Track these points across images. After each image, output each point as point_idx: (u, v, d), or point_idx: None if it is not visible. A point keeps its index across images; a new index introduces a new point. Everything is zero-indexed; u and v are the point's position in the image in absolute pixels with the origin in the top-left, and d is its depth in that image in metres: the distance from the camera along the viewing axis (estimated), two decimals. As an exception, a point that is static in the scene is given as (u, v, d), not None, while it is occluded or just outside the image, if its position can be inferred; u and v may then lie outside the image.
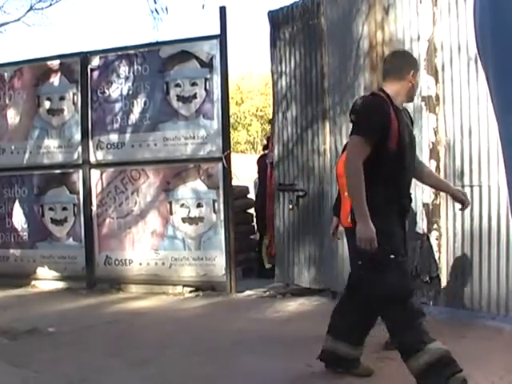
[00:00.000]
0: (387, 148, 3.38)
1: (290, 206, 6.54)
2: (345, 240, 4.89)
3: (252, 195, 8.58)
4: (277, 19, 6.78)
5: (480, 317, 4.87)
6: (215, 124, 6.58)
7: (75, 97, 7.17)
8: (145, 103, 6.89)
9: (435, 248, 5.22)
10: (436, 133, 5.17)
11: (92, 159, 7.09)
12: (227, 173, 6.51)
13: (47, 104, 7.32)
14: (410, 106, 5.32)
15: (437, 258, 5.21)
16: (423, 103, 5.24)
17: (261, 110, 28.40)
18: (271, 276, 6.85)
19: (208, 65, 6.62)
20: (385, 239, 3.30)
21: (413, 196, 5.21)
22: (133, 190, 6.93)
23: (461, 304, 5.05)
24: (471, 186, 4.91)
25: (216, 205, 6.57)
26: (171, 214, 6.77)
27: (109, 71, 7.06)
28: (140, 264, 6.86)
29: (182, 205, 6.73)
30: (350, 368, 3.73)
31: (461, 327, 4.72)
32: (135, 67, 6.93)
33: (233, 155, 6.79)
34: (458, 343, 4.31)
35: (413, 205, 5.24)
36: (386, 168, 3.42)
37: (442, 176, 5.14)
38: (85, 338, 4.82)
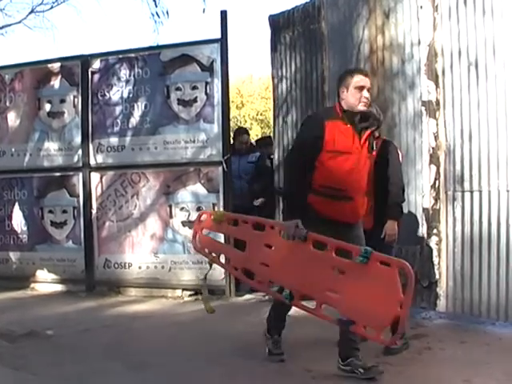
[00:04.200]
0: None
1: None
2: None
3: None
4: (277, 23, 6.80)
5: (480, 322, 4.86)
6: (215, 128, 6.57)
7: (76, 100, 7.16)
8: (145, 106, 6.88)
9: (435, 253, 5.21)
10: (436, 138, 5.17)
11: (92, 162, 7.08)
12: (227, 176, 6.50)
13: (48, 107, 7.31)
14: (410, 111, 5.36)
15: (436, 263, 5.20)
16: (423, 108, 5.24)
17: (261, 114, 28.30)
18: None
19: (209, 68, 6.61)
20: None
21: (412, 201, 5.26)
22: (133, 193, 6.92)
23: (460, 309, 5.05)
24: (471, 192, 4.91)
25: (216, 208, 6.55)
26: (171, 217, 6.76)
27: (109, 74, 7.05)
28: (139, 267, 6.85)
29: (182, 208, 6.72)
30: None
31: (460, 332, 4.71)
32: (136, 70, 6.93)
33: (233, 159, 6.79)
34: (458, 348, 4.31)
35: (412, 210, 5.27)
36: None
37: (442, 181, 5.15)
38: (84, 342, 4.80)
